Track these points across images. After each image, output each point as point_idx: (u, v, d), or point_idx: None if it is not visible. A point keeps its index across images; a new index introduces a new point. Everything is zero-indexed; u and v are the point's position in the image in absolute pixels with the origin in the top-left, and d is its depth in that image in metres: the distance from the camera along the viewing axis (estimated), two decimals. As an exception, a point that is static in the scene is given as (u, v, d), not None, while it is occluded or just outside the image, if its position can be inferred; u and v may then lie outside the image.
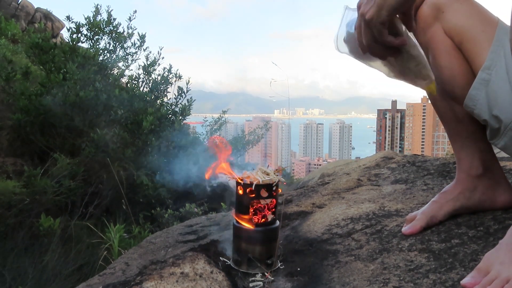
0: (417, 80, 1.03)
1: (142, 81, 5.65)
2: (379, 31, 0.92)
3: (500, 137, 1.02)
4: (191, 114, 5.52)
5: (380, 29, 0.92)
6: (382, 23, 0.91)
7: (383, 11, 0.90)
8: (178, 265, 1.12)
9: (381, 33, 0.92)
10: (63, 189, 4.03)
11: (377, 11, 0.90)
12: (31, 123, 4.72)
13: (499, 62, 0.99)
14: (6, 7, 12.65)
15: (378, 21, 0.91)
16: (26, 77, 5.02)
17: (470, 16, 1.05)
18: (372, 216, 1.42)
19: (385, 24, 0.91)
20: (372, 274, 1.04)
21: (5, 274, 2.76)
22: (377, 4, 0.90)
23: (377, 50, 0.96)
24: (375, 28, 0.92)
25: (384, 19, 0.91)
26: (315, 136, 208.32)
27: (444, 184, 1.63)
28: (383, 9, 0.90)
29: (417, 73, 1.01)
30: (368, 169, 2.21)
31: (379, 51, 0.96)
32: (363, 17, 0.92)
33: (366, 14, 0.91)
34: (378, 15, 0.90)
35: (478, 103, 1.02)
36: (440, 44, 1.07)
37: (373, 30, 0.92)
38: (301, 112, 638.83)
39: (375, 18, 0.91)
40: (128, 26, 5.68)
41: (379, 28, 0.91)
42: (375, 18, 0.91)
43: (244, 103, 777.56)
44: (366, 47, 0.96)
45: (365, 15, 0.91)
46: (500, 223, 1.15)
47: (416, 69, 1.01)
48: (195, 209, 4.23)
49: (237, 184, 1.17)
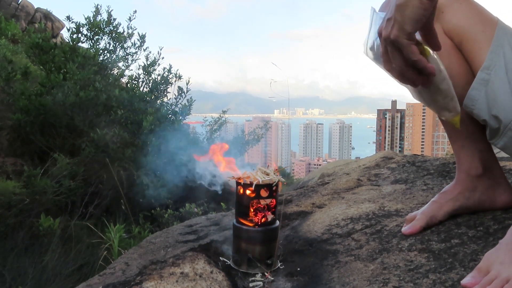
0: (442, 111, 1.00)
1: (142, 81, 5.65)
2: (408, 48, 0.86)
3: (499, 137, 1.02)
4: (191, 114, 5.53)
5: (409, 45, 0.86)
6: (409, 38, 0.86)
7: (406, 25, 0.86)
8: (178, 265, 1.12)
9: (411, 50, 0.86)
10: (63, 189, 4.03)
11: (400, 28, 0.86)
12: (31, 123, 4.72)
13: (498, 62, 1.00)
14: (6, 7, 12.65)
15: (404, 37, 0.86)
16: (26, 77, 5.02)
17: (469, 16, 1.05)
18: (372, 216, 1.42)
19: (413, 40, 0.87)
20: (372, 274, 1.04)
21: (5, 274, 2.76)
22: (398, 22, 0.86)
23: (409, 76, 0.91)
24: (403, 47, 0.86)
25: (409, 32, 0.86)
26: (315, 136, 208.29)
27: (444, 184, 1.63)
28: (405, 24, 0.86)
29: (444, 105, 0.99)
30: (368, 169, 2.21)
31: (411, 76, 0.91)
32: (388, 39, 0.88)
33: (391, 35, 0.87)
34: (403, 31, 0.86)
35: (478, 103, 1.03)
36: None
37: (402, 50, 0.87)
38: (301, 112, 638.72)
39: (401, 35, 0.86)
40: (128, 26, 5.69)
41: (407, 44, 0.86)
42: (401, 35, 0.86)
43: (244, 103, 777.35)
44: (398, 74, 0.91)
45: (390, 36, 0.87)
46: (500, 223, 1.15)
47: (444, 102, 0.98)
48: (195, 209, 4.24)
49: (237, 184, 1.17)
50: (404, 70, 0.89)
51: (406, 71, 0.89)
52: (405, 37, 0.86)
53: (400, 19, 0.85)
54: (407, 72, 0.90)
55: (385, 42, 0.89)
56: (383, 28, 0.89)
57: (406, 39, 0.86)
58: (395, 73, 0.92)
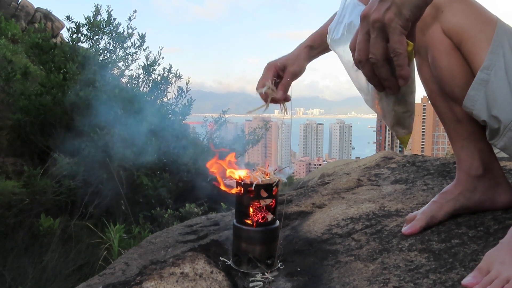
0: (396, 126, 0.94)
1: (142, 81, 5.65)
2: (399, 37, 0.75)
3: (499, 137, 1.02)
4: (191, 114, 5.53)
5: (401, 34, 0.75)
6: (404, 26, 0.75)
7: (405, 10, 0.74)
8: (178, 265, 1.12)
9: (400, 40, 0.75)
10: (63, 189, 4.03)
11: (398, 11, 0.74)
12: (31, 123, 4.73)
13: (498, 62, 0.99)
14: (6, 7, 12.65)
15: (399, 23, 0.74)
16: (26, 77, 5.02)
17: (469, 16, 1.05)
18: (372, 216, 1.42)
19: (407, 29, 0.75)
20: (372, 274, 1.04)
21: (5, 274, 2.76)
22: (396, 4, 0.74)
23: (382, 73, 0.79)
24: (394, 33, 0.74)
25: (407, 18, 0.75)
26: (315, 136, 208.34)
27: (444, 184, 1.63)
28: (404, 8, 0.74)
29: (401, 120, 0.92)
30: (368, 169, 2.21)
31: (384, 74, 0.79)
32: (378, 23, 0.75)
33: (384, 18, 0.74)
34: (400, 15, 0.74)
35: (477, 103, 1.02)
36: (439, 44, 1.07)
37: (390, 38, 0.75)
38: (301, 112, 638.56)
39: (396, 20, 0.74)
40: (128, 26, 5.69)
41: (399, 32, 0.74)
42: (396, 20, 0.74)
43: (244, 103, 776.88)
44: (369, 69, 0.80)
45: (382, 19, 0.75)
46: (500, 223, 1.15)
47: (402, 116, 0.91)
48: (195, 209, 4.24)
49: (237, 184, 1.17)
50: (379, 64, 0.77)
51: (381, 66, 0.78)
52: (400, 23, 0.74)
53: (399, 2, 0.74)
54: (382, 68, 0.78)
55: (372, 27, 0.76)
56: (374, 9, 0.76)
57: (400, 26, 0.74)
58: (366, 67, 0.79)
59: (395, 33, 0.75)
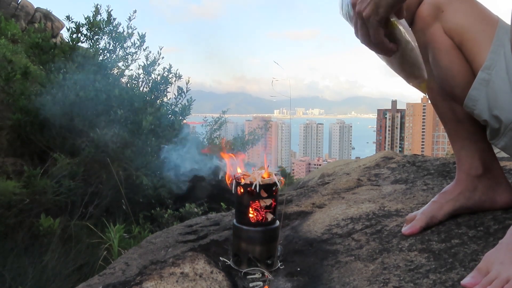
0: (409, 78, 1.04)
1: (142, 81, 5.65)
2: (376, 30, 0.92)
3: (500, 137, 1.02)
4: (191, 114, 5.52)
5: (377, 28, 0.91)
6: (380, 21, 0.91)
7: (381, 8, 0.89)
8: (178, 265, 1.12)
9: (378, 32, 0.92)
10: (63, 189, 4.03)
11: (374, 9, 0.89)
12: (31, 123, 4.72)
13: (499, 62, 0.99)
14: (6, 7, 12.64)
15: (375, 19, 0.90)
16: (26, 77, 5.02)
17: (470, 16, 1.05)
18: (372, 216, 1.42)
19: (382, 23, 0.91)
20: (372, 274, 1.04)
21: (5, 274, 2.76)
22: (374, 2, 0.89)
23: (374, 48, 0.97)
24: (372, 27, 0.91)
25: (382, 16, 0.90)
26: (315, 136, 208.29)
27: (444, 184, 1.63)
28: (380, 7, 0.89)
29: (411, 73, 1.03)
30: (368, 169, 2.21)
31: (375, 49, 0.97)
32: (360, 15, 0.92)
33: (363, 12, 0.91)
34: (376, 13, 0.90)
35: (478, 103, 1.02)
36: (440, 44, 1.07)
37: (369, 29, 0.92)
38: (301, 112, 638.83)
39: (373, 16, 0.90)
40: (128, 26, 5.68)
41: (376, 27, 0.91)
42: (373, 16, 0.90)
43: (244, 103, 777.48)
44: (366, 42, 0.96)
45: (362, 13, 0.91)
46: (500, 223, 1.15)
47: (410, 70, 1.02)
48: (195, 209, 4.24)
49: (237, 184, 1.17)
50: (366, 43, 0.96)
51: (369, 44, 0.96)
52: (377, 19, 0.90)
53: (377, 0, 0.89)
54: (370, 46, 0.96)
55: (358, 15, 0.93)
56: (358, 2, 0.92)
57: (376, 21, 0.90)
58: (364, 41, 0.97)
59: (372, 28, 0.92)
